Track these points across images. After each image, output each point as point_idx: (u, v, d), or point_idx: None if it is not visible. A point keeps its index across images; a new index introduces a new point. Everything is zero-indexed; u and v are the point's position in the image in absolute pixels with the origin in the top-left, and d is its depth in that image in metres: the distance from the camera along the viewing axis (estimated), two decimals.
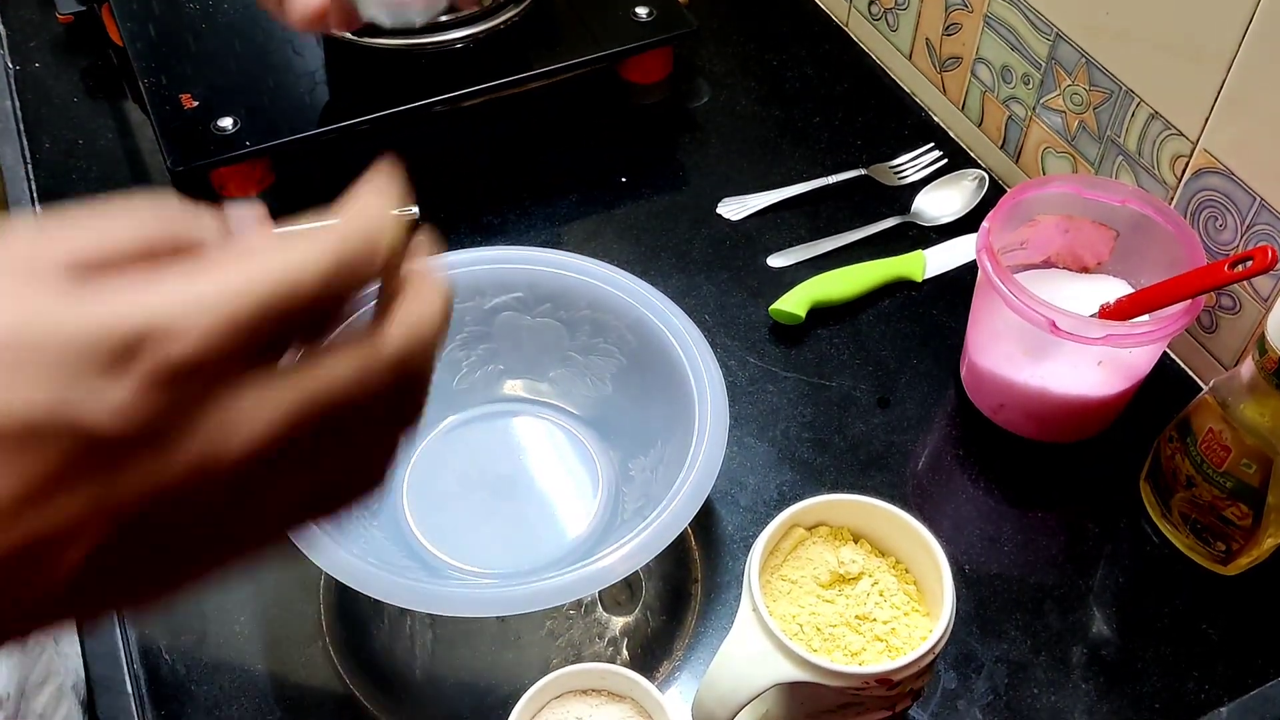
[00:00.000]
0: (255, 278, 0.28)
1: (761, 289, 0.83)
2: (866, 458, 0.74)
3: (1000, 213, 0.71)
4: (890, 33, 1.00)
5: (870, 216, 0.88)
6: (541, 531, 0.69)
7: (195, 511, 0.29)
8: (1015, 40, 0.85)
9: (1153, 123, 0.76)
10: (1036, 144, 0.87)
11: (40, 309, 0.27)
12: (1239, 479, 0.63)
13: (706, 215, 0.89)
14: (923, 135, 0.95)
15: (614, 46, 0.91)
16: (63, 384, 0.27)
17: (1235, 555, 0.67)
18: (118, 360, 0.27)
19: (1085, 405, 0.73)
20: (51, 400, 0.26)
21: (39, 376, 0.27)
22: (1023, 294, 0.66)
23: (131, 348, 0.27)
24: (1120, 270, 0.76)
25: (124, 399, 0.27)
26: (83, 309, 0.27)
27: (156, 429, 0.27)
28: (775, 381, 0.78)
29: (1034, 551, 0.70)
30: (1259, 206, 0.70)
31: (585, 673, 0.58)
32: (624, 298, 0.70)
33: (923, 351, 0.80)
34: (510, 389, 0.75)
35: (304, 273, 0.29)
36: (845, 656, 0.55)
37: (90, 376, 0.27)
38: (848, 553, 0.58)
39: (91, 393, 0.27)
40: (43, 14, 1.01)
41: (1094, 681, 0.64)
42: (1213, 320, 0.76)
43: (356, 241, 0.30)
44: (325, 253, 0.29)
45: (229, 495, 0.29)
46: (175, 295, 0.28)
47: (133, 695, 0.62)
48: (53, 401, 0.26)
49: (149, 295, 0.28)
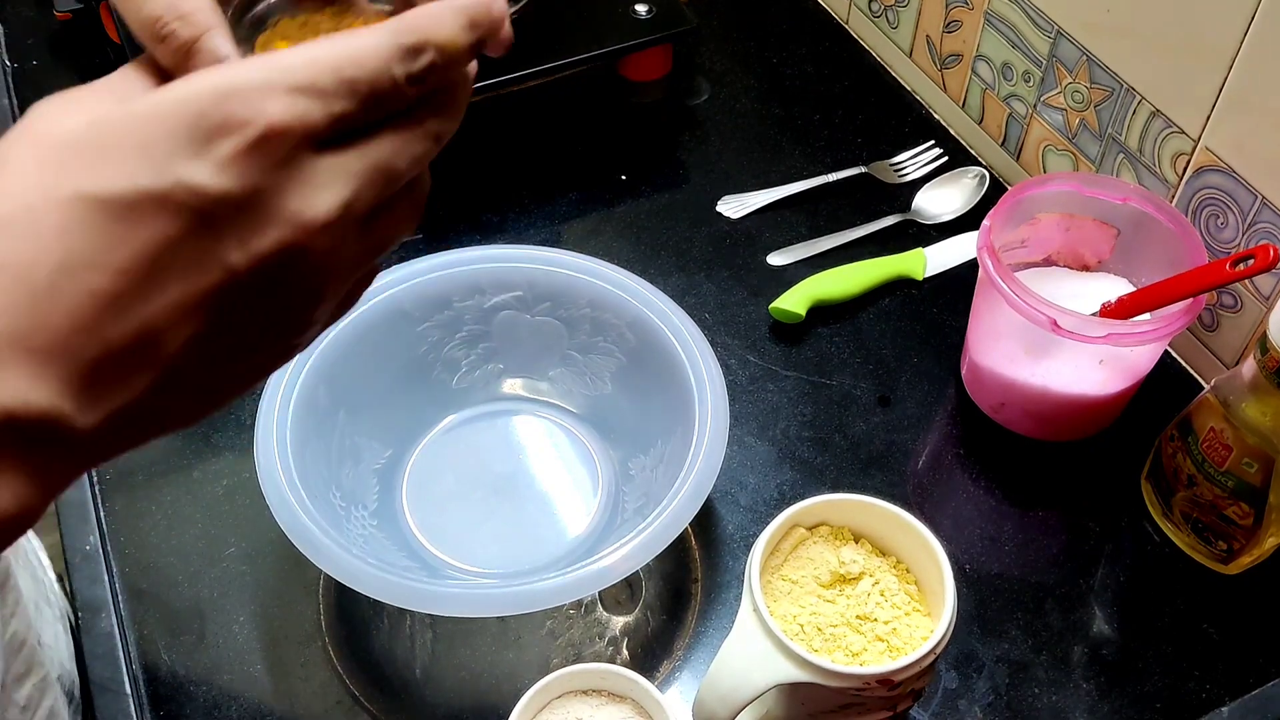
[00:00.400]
0: (323, 53, 0.29)
1: (761, 287, 0.83)
2: (867, 457, 0.74)
3: (1001, 211, 0.71)
4: (891, 30, 0.99)
5: (870, 214, 0.88)
6: (541, 531, 0.69)
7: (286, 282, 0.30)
8: (1016, 37, 0.85)
9: (1154, 120, 0.75)
10: (1037, 142, 0.87)
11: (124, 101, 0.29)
12: (1240, 478, 0.63)
13: (706, 213, 0.89)
14: (923, 133, 0.95)
15: (614, 44, 0.91)
16: (168, 155, 0.27)
17: (1236, 554, 0.67)
18: (214, 129, 0.28)
19: (1086, 404, 0.72)
20: (162, 169, 0.27)
21: (144, 151, 0.27)
22: (1024, 292, 0.66)
23: (224, 115, 0.28)
24: (1121, 269, 0.75)
25: (227, 163, 0.28)
26: (167, 93, 0.28)
27: (256, 192, 0.28)
28: (775, 380, 0.78)
29: (1035, 551, 0.70)
30: (1260, 205, 0.70)
31: (585, 673, 0.58)
32: (624, 296, 0.70)
33: (923, 350, 0.80)
34: (510, 388, 0.75)
35: (367, 51, 0.30)
36: (846, 657, 0.55)
37: (191, 146, 0.28)
38: (848, 552, 0.58)
39: (196, 160, 0.28)
40: (41, 12, 1.01)
41: (1095, 681, 0.64)
42: (1214, 319, 0.76)
43: (414, 32, 0.31)
44: (385, 37, 0.30)
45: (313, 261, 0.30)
46: (254, 69, 0.29)
47: (131, 696, 0.62)
48: (163, 170, 0.27)
49: (228, 72, 0.29)
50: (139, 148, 0.28)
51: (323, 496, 0.63)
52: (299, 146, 0.29)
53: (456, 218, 0.87)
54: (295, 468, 0.61)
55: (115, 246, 0.27)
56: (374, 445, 0.70)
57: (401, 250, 0.84)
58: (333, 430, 0.67)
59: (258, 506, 0.61)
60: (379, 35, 0.30)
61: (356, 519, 0.66)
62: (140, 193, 0.27)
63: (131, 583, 0.67)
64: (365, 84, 0.30)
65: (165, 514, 0.70)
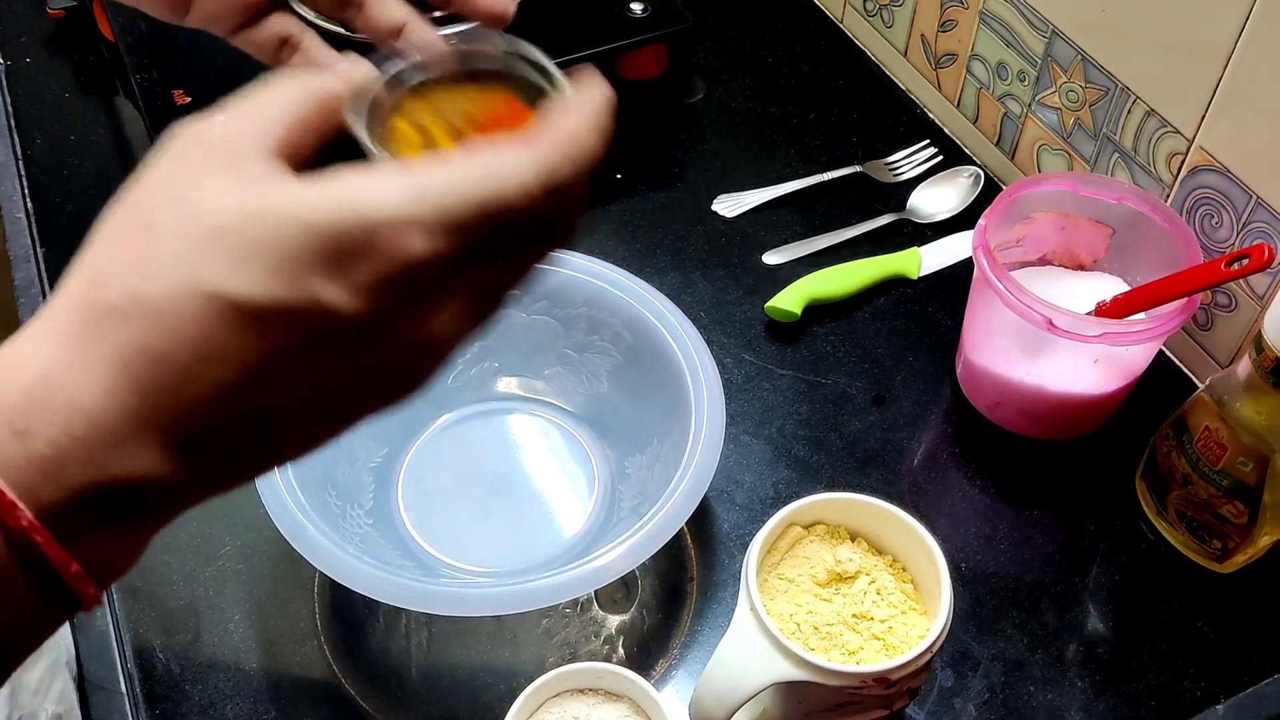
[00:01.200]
0: (468, 181, 0.30)
1: (757, 286, 0.83)
2: (863, 455, 0.74)
3: (996, 210, 0.71)
4: (886, 29, 0.99)
5: (866, 213, 0.88)
6: (537, 530, 0.69)
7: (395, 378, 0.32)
8: (1011, 37, 0.85)
9: (1149, 120, 0.76)
10: (1032, 141, 0.87)
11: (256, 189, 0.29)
12: (1235, 477, 0.63)
13: (702, 212, 0.89)
14: (918, 132, 0.95)
15: (609, 43, 0.91)
16: (307, 271, 0.29)
17: (1231, 553, 0.67)
18: (353, 254, 0.29)
19: (1081, 403, 0.72)
20: (299, 285, 0.29)
21: (285, 263, 0.29)
22: (1019, 291, 0.66)
23: (365, 244, 0.29)
24: (1116, 268, 0.76)
25: (360, 289, 0.29)
26: (314, 200, 0.29)
27: (383, 314, 0.30)
28: (771, 379, 0.78)
29: (1030, 549, 0.70)
30: (1255, 204, 0.70)
31: (582, 672, 0.58)
32: (620, 295, 0.70)
33: (918, 349, 0.80)
34: (506, 387, 0.75)
35: (516, 187, 0.30)
36: (843, 655, 0.55)
37: (329, 267, 0.29)
38: (845, 551, 0.58)
39: (332, 283, 0.29)
40: (34, 9, 1.01)
41: (1090, 679, 0.64)
42: (1209, 318, 0.76)
43: (568, 160, 0.31)
44: (531, 169, 0.31)
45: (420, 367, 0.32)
46: (397, 196, 0.29)
47: (127, 695, 0.62)
48: (301, 286, 0.29)
49: (372, 194, 0.29)
50: (281, 260, 0.29)
51: (318, 495, 0.63)
52: (433, 277, 0.30)
53: None
54: (291, 466, 0.61)
55: (246, 347, 0.29)
56: (369, 444, 0.70)
57: None
58: None
59: (253, 505, 0.60)
60: (528, 168, 0.31)
61: (352, 518, 0.65)
62: (276, 304, 0.29)
63: (126, 581, 0.67)
64: (506, 218, 0.30)
65: None
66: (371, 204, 0.29)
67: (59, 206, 0.85)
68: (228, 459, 0.31)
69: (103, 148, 0.91)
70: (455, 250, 0.30)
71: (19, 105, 0.94)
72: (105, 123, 0.93)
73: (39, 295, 0.79)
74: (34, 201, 0.86)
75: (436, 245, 0.30)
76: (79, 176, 0.88)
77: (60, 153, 0.90)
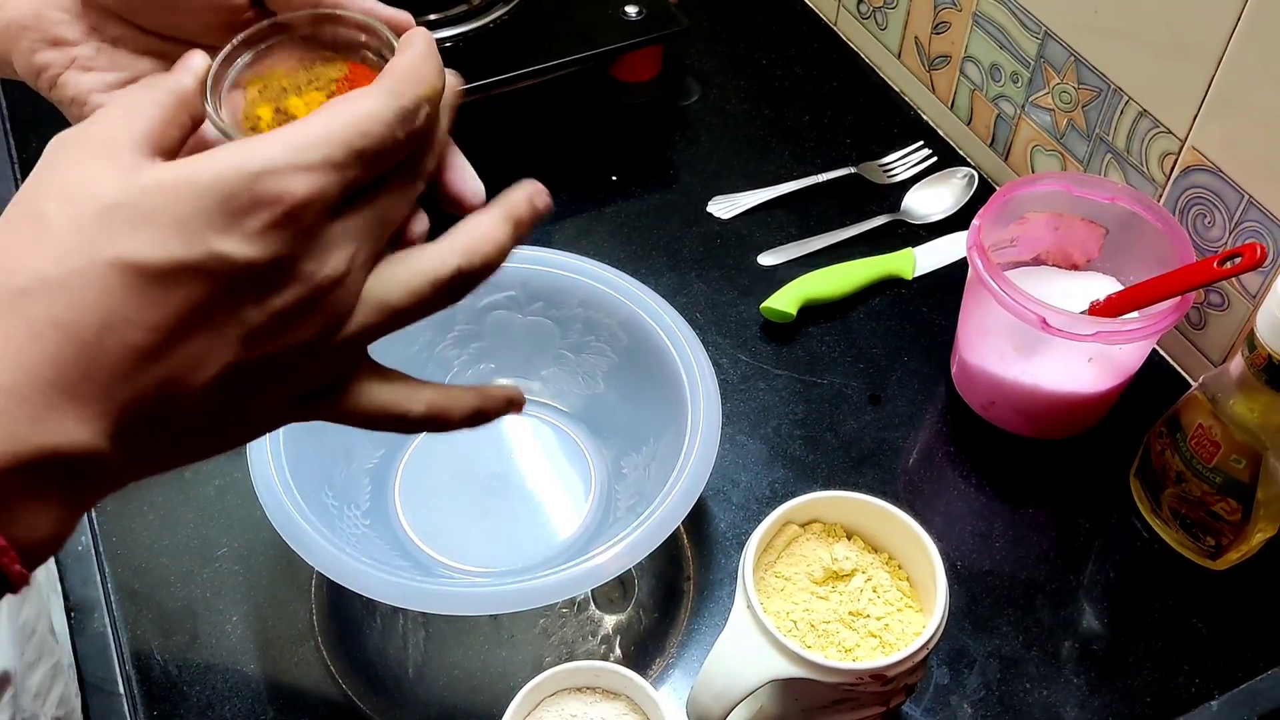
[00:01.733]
0: (335, 126, 0.32)
1: (752, 287, 0.83)
2: (858, 455, 0.74)
3: (990, 210, 0.71)
4: (879, 31, 1.00)
5: (860, 215, 0.89)
6: (534, 530, 0.69)
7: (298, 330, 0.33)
8: (1004, 39, 0.85)
9: (1141, 120, 0.76)
10: (1025, 142, 0.88)
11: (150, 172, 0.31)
12: (1228, 474, 0.64)
13: (697, 214, 0.89)
14: (912, 134, 0.95)
15: (604, 45, 0.91)
16: (201, 228, 0.30)
17: (1225, 550, 0.67)
18: (244, 206, 0.31)
19: (1075, 402, 0.73)
20: (196, 241, 0.30)
21: (180, 224, 0.30)
22: (1013, 291, 0.67)
23: (253, 195, 0.31)
24: (1110, 267, 0.76)
25: (254, 236, 0.31)
26: (198, 168, 0.31)
27: (278, 259, 0.31)
28: (767, 379, 0.78)
29: (1025, 547, 0.70)
30: (1247, 204, 0.70)
31: (580, 670, 0.58)
32: (616, 296, 0.70)
33: (913, 349, 0.80)
34: None
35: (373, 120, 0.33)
36: (839, 653, 0.55)
37: (222, 220, 0.31)
38: (841, 549, 0.58)
39: (227, 235, 0.31)
40: None
41: (1085, 676, 0.64)
42: (1201, 317, 0.77)
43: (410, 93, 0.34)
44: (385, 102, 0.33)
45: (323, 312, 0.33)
46: (276, 148, 0.32)
47: (125, 696, 0.62)
48: (197, 242, 0.30)
49: (254, 151, 0.31)
50: (175, 221, 0.30)
51: (315, 496, 0.63)
52: (317, 216, 0.32)
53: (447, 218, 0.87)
54: (288, 467, 0.61)
55: (151, 307, 0.30)
56: (366, 444, 0.71)
57: None
58: (325, 429, 0.67)
59: (250, 506, 0.61)
60: (380, 101, 0.33)
61: (349, 518, 0.66)
62: (176, 262, 0.30)
63: (124, 583, 0.67)
64: (374, 151, 0.33)
65: (158, 514, 0.70)
66: (252, 158, 0.31)
67: None
68: (155, 429, 0.32)
69: None
70: (334, 187, 0.32)
71: (14, 108, 0.94)
72: None
73: None
74: None
75: (316, 184, 0.32)
76: None
77: None
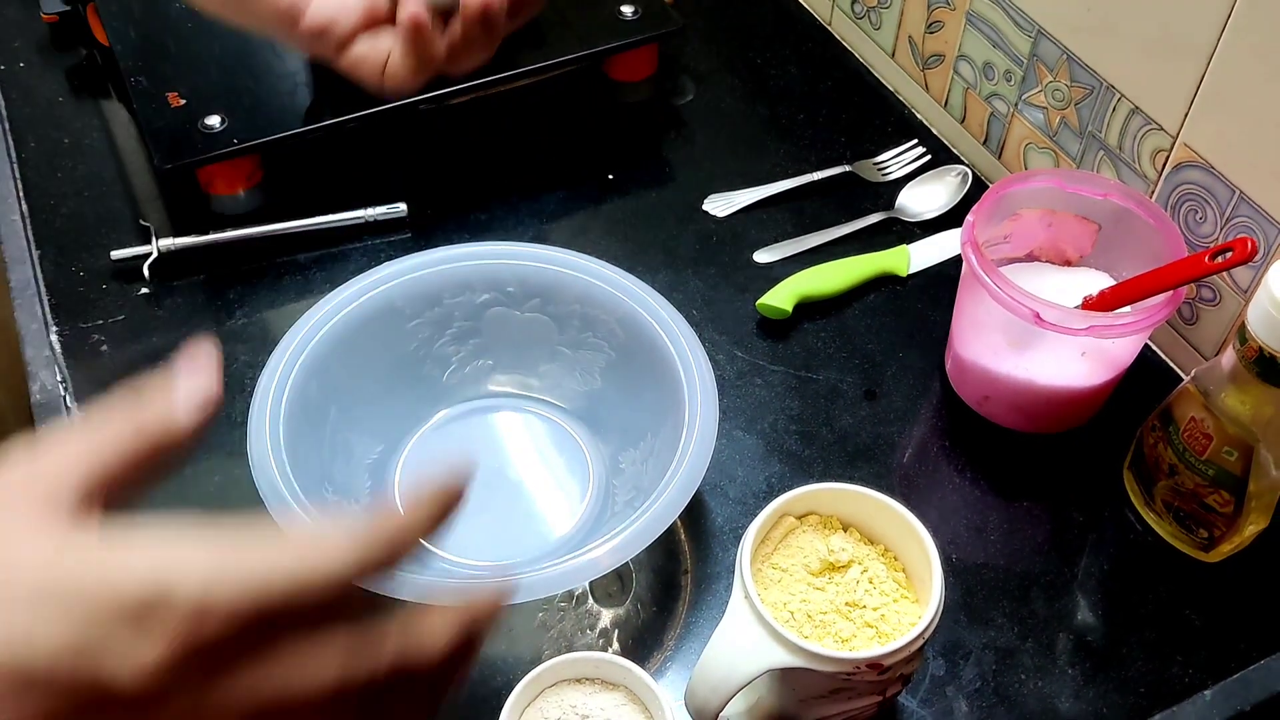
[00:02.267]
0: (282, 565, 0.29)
1: (748, 284, 0.84)
2: (854, 449, 0.75)
3: (984, 207, 0.72)
4: (873, 31, 1.00)
5: (855, 212, 0.89)
6: (532, 524, 0.70)
7: None
8: (997, 37, 0.86)
9: (1133, 118, 0.77)
10: (1019, 140, 0.88)
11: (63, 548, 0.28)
12: (1221, 467, 0.64)
13: (693, 212, 0.89)
14: (906, 132, 0.96)
15: (599, 45, 0.91)
16: (87, 633, 0.27)
17: (1217, 542, 0.68)
18: (142, 618, 0.27)
19: (1069, 396, 0.73)
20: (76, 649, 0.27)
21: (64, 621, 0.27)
22: (1007, 286, 0.67)
23: (158, 608, 0.27)
24: (1102, 263, 0.77)
25: (148, 661, 0.27)
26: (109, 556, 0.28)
27: (166, 693, 0.28)
28: (763, 375, 0.79)
29: (1020, 540, 0.71)
30: (1238, 199, 0.71)
31: (579, 661, 0.59)
32: (613, 292, 0.70)
33: (908, 345, 0.81)
34: (500, 384, 0.75)
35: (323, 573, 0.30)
36: (836, 643, 0.56)
37: (114, 630, 0.27)
38: (837, 541, 0.59)
39: (114, 648, 0.27)
40: (27, 13, 1.01)
41: (1079, 667, 0.65)
42: (1193, 312, 0.77)
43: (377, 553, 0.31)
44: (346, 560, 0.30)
45: None
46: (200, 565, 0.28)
47: None
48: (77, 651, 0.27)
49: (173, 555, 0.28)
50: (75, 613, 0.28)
51: (315, 491, 0.63)
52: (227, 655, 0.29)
53: (445, 216, 0.88)
54: (288, 463, 0.62)
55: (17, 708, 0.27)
56: (366, 440, 0.71)
57: (393, 249, 0.85)
58: (324, 426, 0.68)
59: (251, 502, 0.61)
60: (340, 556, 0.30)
61: (349, 513, 0.66)
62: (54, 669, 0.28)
63: None
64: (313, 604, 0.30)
65: (158, 511, 0.70)
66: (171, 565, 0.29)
67: (53, 209, 0.86)
68: None
69: (96, 151, 0.91)
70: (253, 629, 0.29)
71: (13, 109, 0.94)
72: (99, 126, 0.93)
73: (34, 296, 0.80)
74: (29, 203, 0.86)
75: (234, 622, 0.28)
76: (73, 179, 0.89)
77: (54, 156, 0.90)
